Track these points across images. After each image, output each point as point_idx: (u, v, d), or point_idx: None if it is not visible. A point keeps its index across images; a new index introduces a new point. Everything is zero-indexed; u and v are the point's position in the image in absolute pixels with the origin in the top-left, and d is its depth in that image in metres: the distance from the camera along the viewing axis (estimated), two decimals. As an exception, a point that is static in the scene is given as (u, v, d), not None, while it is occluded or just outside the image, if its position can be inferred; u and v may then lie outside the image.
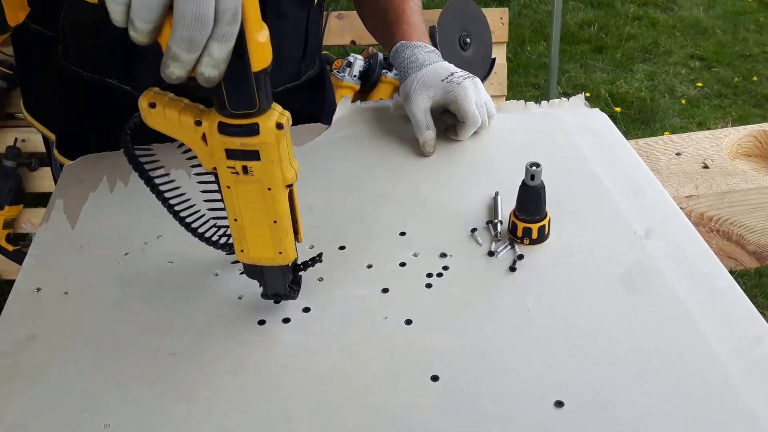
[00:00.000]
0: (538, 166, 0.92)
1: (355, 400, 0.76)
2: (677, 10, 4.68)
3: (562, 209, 0.99)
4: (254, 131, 0.70)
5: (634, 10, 4.65)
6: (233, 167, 0.73)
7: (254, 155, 0.72)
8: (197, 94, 0.69)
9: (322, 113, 1.32)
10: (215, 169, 0.74)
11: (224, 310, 0.88)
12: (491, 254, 0.94)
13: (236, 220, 0.77)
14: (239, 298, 0.89)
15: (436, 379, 0.78)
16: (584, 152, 1.12)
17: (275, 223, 0.77)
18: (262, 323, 0.86)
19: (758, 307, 0.85)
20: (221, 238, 0.89)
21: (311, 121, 1.12)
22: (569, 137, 1.16)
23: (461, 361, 0.80)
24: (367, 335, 0.84)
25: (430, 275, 0.91)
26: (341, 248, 0.96)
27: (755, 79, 3.88)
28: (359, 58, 2.62)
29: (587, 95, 3.71)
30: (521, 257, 0.93)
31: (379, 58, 2.59)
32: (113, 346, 0.84)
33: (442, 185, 1.07)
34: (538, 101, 1.26)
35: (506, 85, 2.82)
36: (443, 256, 0.94)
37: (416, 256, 0.94)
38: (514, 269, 0.92)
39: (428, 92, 1.13)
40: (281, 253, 0.80)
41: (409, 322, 0.85)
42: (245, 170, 0.73)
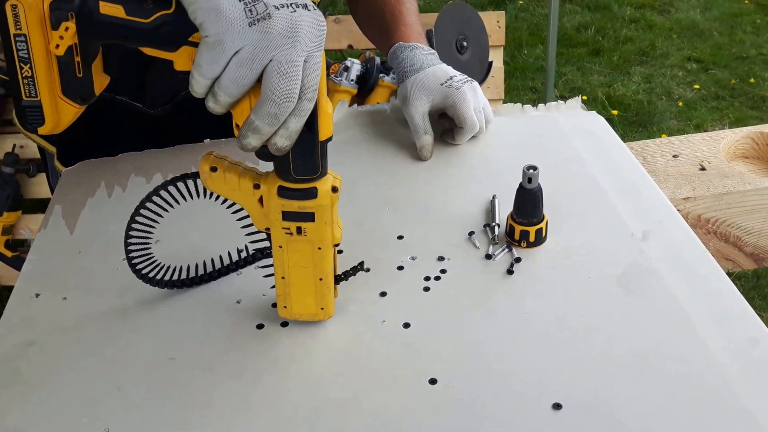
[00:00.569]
0: (535, 169, 0.92)
1: (353, 403, 0.76)
2: (674, 12, 4.69)
3: (559, 212, 0.99)
4: (313, 195, 0.74)
5: (630, 12, 4.65)
6: (288, 228, 0.76)
7: (309, 217, 0.75)
8: (263, 159, 0.72)
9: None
10: (268, 229, 0.78)
11: (223, 314, 0.88)
12: (489, 257, 0.94)
13: (284, 277, 0.80)
14: (238, 302, 0.89)
15: (434, 382, 0.78)
16: (581, 155, 1.13)
17: (321, 280, 0.80)
18: (260, 327, 0.86)
19: (756, 309, 0.85)
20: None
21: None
22: (566, 140, 1.17)
23: (459, 363, 0.80)
24: (365, 338, 0.84)
25: (427, 279, 0.92)
26: (339, 252, 0.96)
27: (752, 81, 3.89)
28: (356, 62, 2.62)
29: (584, 98, 3.71)
30: (519, 260, 0.93)
31: (376, 62, 2.60)
32: (112, 351, 0.84)
33: (439, 189, 1.08)
34: (535, 104, 1.26)
35: (503, 88, 2.83)
36: (441, 259, 0.94)
37: (414, 259, 0.95)
38: (511, 272, 0.92)
39: (427, 96, 1.12)
40: (323, 309, 0.83)
41: (407, 325, 0.85)
42: (299, 231, 0.76)
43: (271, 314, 0.87)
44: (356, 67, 2.60)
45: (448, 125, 1.16)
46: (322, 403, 0.76)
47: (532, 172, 0.92)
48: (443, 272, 0.92)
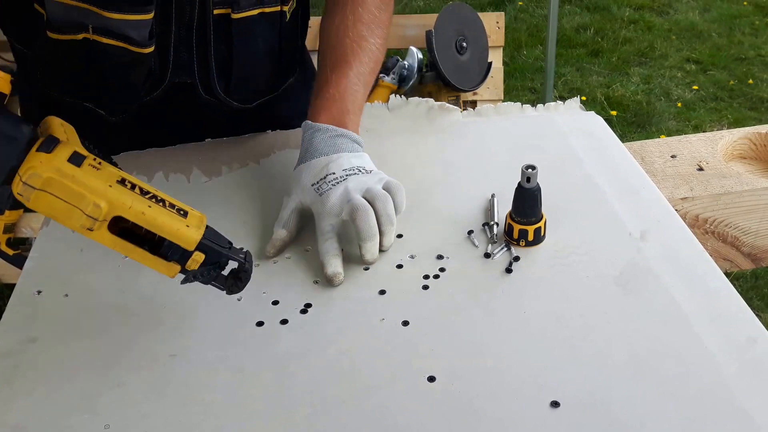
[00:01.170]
0: (533, 168, 0.93)
1: (352, 400, 0.77)
2: (673, 13, 4.69)
3: (557, 211, 1.00)
4: None
5: (629, 13, 4.66)
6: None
7: None
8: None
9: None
10: None
11: (223, 311, 0.88)
12: (487, 256, 0.95)
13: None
14: (238, 300, 0.90)
15: (432, 379, 0.78)
16: (580, 155, 1.13)
17: None
18: (260, 325, 0.86)
19: (754, 309, 0.86)
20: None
21: (301, 119, 1.10)
22: (565, 140, 1.17)
23: (457, 361, 0.80)
24: (364, 336, 0.84)
25: (426, 277, 0.92)
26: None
27: (751, 82, 3.90)
28: (357, 62, 2.62)
29: (583, 99, 3.72)
30: (517, 259, 0.94)
31: (376, 62, 2.60)
32: (113, 347, 0.84)
33: (438, 188, 1.08)
34: (534, 105, 1.26)
35: (503, 89, 2.83)
36: (440, 258, 0.95)
37: (413, 258, 0.95)
38: (510, 271, 0.92)
39: (298, 196, 1.00)
40: None
41: (406, 323, 0.86)
42: None
43: (270, 312, 0.88)
44: (356, 67, 2.60)
45: None
46: (320, 400, 0.77)
47: (530, 171, 0.93)
48: (442, 271, 0.93)
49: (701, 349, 0.80)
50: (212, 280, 0.80)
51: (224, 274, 0.81)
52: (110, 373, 0.81)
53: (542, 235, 0.96)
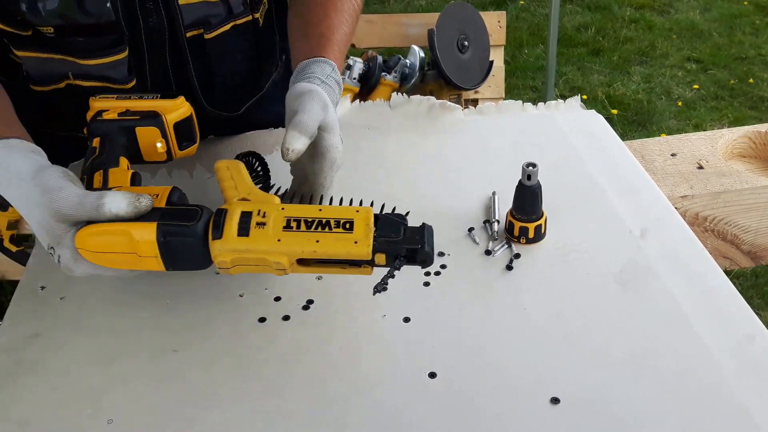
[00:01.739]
0: (534, 166, 0.93)
1: (353, 396, 0.77)
2: (673, 13, 4.69)
3: (558, 209, 1.00)
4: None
5: (630, 13, 4.66)
6: None
7: None
8: None
9: None
10: None
11: (225, 307, 0.89)
12: (488, 253, 0.95)
13: None
14: (240, 296, 0.90)
15: (433, 376, 0.79)
16: (580, 153, 1.14)
17: None
18: (262, 320, 0.87)
19: (754, 307, 0.86)
20: None
21: None
22: (565, 138, 1.17)
23: (458, 358, 0.81)
24: (365, 333, 0.85)
25: (428, 274, 0.92)
26: (340, 248, 0.97)
27: (751, 81, 3.90)
28: (359, 61, 2.63)
29: (584, 97, 3.72)
30: (518, 256, 0.94)
31: (378, 60, 2.61)
32: (116, 343, 0.85)
33: (439, 185, 1.08)
34: (535, 103, 1.27)
35: (504, 87, 2.84)
36: (441, 255, 0.95)
37: (415, 255, 0.95)
38: (510, 268, 0.93)
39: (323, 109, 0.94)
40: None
41: (407, 319, 0.86)
42: None
43: (272, 308, 0.88)
44: (359, 65, 2.62)
45: None
46: (322, 396, 0.77)
47: (531, 169, 0.93)
48: (443, 267, 0.93)
49: (701, 347, 0.81)
50: (400, 268, 0.81)
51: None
52: (113, 368, 0.82)
53: (543, 232, 0.96)
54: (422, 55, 2.71)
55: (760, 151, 1.39)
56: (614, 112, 3.64)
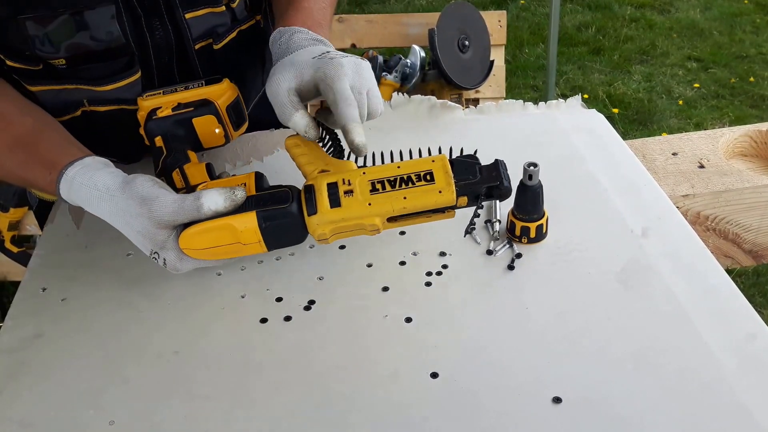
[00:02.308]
0: (535, 166, 0.93)
1: (355, 396, 0.77)
2: (674, 12, 4.69)
3: (559, 208, 1.00)
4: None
5: (631, 12, 4.66)
6: None
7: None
8: None
9: None
10: None
11: (227, 308, 0.89)
12: (490, 253, 0.95)
13: None
14: (242, 296, 0.90)
15: (435, 376, 0.79)
16: (581, 152, 1.14)
17: None
18: (264, 321, 0.87)
19: (756, 306, 0.86)
20: None
21: None
22: (567, 138, 1.17)
23: (460, 358, 0.81)
24: (367, 333, 0.85)
25: (429, 274, 0.92)
26: (341, 248, 0.97)
27: (752, 80, 3.90)
28: (359, 60, 2.63)
29: (585, 97, 3.72)
30: (519, 256, 0.94)
31: (378, 60, 2.61)
32: (118, 344, 0.85)
33: (441, 185, 1.08)
34: (536, 103, 1.27)
35: (505, 87, 2.84)
36: (442, 255, 0.95)
37: (416, 255, 0.96)
38: (512, 268, 0.93)
39: (294, 70, 0.90)
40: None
41: (408, 320, 0.86)
42: None
43: (274, 309, 0.88)
44: (359, 65, 2.61)
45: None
46: (324, 396, 0.77)
47: (532, 168, 0.93)
48: (445, 267, 0.93)
49: (702, 345, 0.81)
50: (483, 206, 0.85)
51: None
52: (115, 369, 0.82)
53: (544, 232, 0.96)
54: (423, 54, 2.71)
55: (761, 149, 1.40)
56: (615, 111, 3.64)
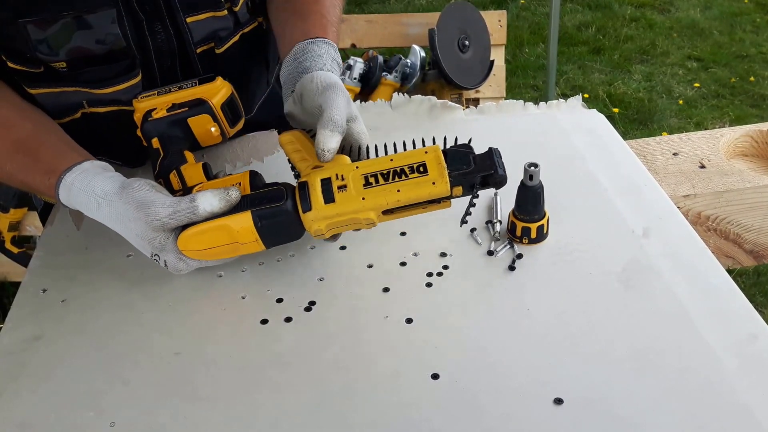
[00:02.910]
0: (536, 166, 0.93)
1: (356, 398, 0.77)
2: (674, 11, 4.69)
3: (560, 209, 1.00)
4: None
5: (631, 11, 4.66)
6: None
7: None
8: None
9: None
10: None
11: (227, 309, 0.89)
12: (491, 253, 0.95)
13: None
14: (242, 298, 0.90)
15: (436, 377, 0.79)
16: (582, 152, 1.13)
17: None
18: (264, 322, 0.87)
19: (757, 306, 0.86)
20: None
21: None
22: (567, 138, 1.17)
23: (461, 359, 0.81)
24: (368, 334, 0.85)
25: (430, 274, 0.92)
26: (342, 248, 0.97)
27: (752, 79, 3.90)
28: (359, 61, 2.63)
29: (585, 96, 3.72)
30: (520, 256, 0.94)
31: (379, 60, 2.61)
32: (118, 345, 0.85)
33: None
34: (536, 102, 1.27)
35: (505, 86, 2.84)
36: (443, 255, 0.95)
37: (416, 255, 0.95)
38: (513, 268, 0.93)
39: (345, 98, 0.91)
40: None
41: (409, 320, 0.86)
42: None
43: (275, 310, 0.88)
44: (359, 65, 2.62)
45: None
46: (325, 397, 0.77)
47: (533, 169, 0.93)
48: (445, 268, 0.93)
49: (703, 345, 0.81)
50: (478, 195, 0.85)
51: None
52: (115, 370, 0.82)
53: (545, 232, 0.96)
54: (423, 54, 2.71)
55: (761, 149, 1.40)
56: (615, 110, 3.63)
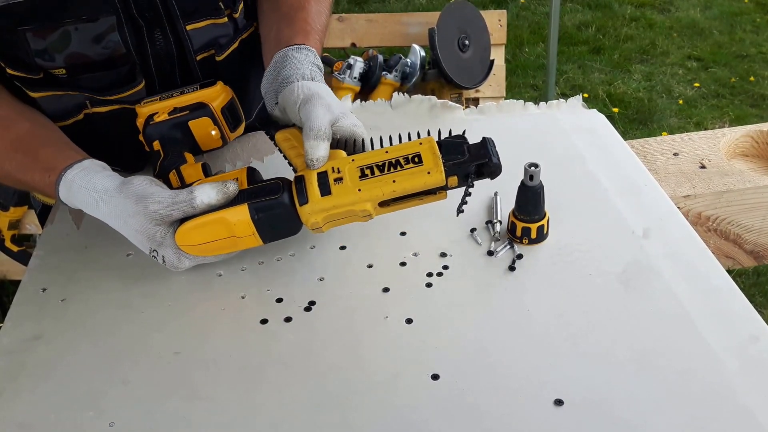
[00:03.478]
0: (536, 166, 0.93)
1: (356, 398, 0.77)
2: (674, 11, 4.69)
3: (560, 209, 1.00)
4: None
5: (631, 11, 4.66)
6: None
7: None
8: None
9: None
10: None
11: (227, 309, 0.89)
12: (491, 254, 0.95)
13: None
14: (242, 297, 0.90)
15: (436, 377, 0.79)
16: (582, 152, 1.13)
17: None
18: (264, 322, 0.87)
19: (756, 306, 0.86)
20: None
21: None
22: (567, 138, 1.17)
23: (461, 359, 0.81)
24: (368, 334, 0.85)
25: (430, 275, 0.92)
26: (342, 248, 0.97)
27: (752, 79, 3.90)
28: (359, 60, 2.63)
29: (585, 96, 3.72)
30: (520, 257, 0.94)
31: (378, 60, 2.61)
32: (118, 345, 0.85)
33: (441, 186, 1.08)
34: (536, 102, 1.26)
35: (505, 86, 2.84)
36: (443, 255, 0.95)
37: (416, 255, 0.95)
38: (513, 268, 0.93)
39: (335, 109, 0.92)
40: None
41: (409, 321, 0.86)
42: None
43: (274, 309, 0.88)
44: (359, 64, 2.61)
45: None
46: (324, 397, 0.77)
47: (533, 169, 0.93)
48: (445, 268, 0.93)
49: (704, 346, 0.80)
50: (473, 185, 0.86)
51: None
52: (115, 370, 0.81)
53: (545, 232, 0.96)
54: (423, 54, 2.71)
55: (762, 150, 1.39)
56: (615, 110, 3.63)
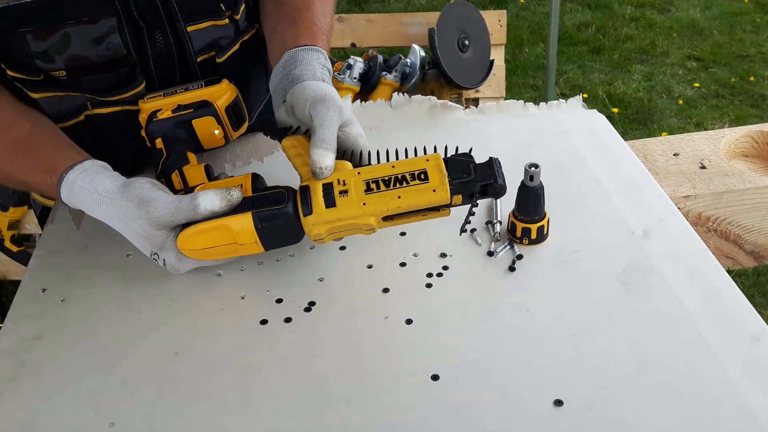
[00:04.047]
0: (536, 167, 0.93)
1: (355, 398, 0.77)
2: (674, 11, 4.69)
3: (560, 209, 1.00)
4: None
5: (631, 11, 4.66)
6: None
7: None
8: None
9: None
10: None
11: (227, 309, 0.89)
12: (491, 254, 0.95)
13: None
14: (242, 298, 0.90)
15: (436, 378, 0.79)
16: (582, 153, 1.13)
17: None
18: (264, 323, 0.86)
19: (756, 306, 0.86)
20: None
21: None
22: (567, 138, 1.17)
23: (461, 360, 0.81)
24: (367, 335, 0.84)
25: (430, 275, 0.92)
26: (342, 249, 0.97)
27: (752, 79, 3.90)
28: (359, 60, 2.63)
29: (585, 96, 3.72)
30: (520, 257, 0.94)
31: (378, 60, 2.61)
32: (118, 345, 0.85)
33: (441, 186, 1.08)
34: (536, 102, 1.26)
35: (504, 86, 2.84)
36: (443, 256, 0.95)
37: (416, 256, 0.95)
38: (513, 269, 0.92)
39: (339, 112, 0.92)
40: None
41: (409, 321, 0.86)
42: None
43: (274, 310, 0.88)
44: (359, 65, 2.62)
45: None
46: (324, 398, 0.77)
47: (533, 170, 0.93)
48: (445, 269, 0.93)
49: (704, 347, 0.80)
50: (477, 205, 0.86)
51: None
52: (115, 370, 0.81)
53: (545, 233, 0.96)
54: (423, 54, 2.71)
55: (762, 150, 1.39)
56: (615, 110, 3.63)
